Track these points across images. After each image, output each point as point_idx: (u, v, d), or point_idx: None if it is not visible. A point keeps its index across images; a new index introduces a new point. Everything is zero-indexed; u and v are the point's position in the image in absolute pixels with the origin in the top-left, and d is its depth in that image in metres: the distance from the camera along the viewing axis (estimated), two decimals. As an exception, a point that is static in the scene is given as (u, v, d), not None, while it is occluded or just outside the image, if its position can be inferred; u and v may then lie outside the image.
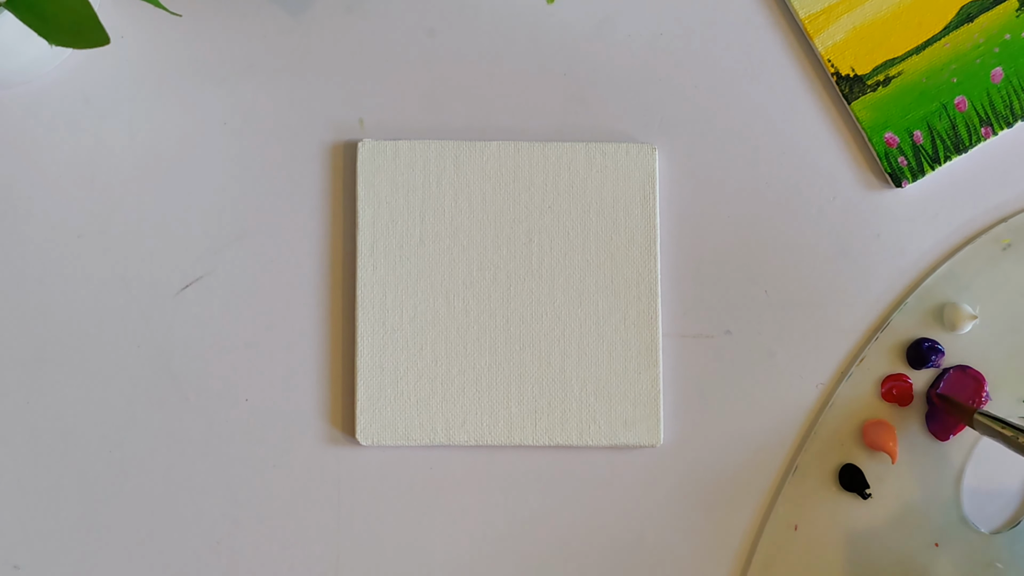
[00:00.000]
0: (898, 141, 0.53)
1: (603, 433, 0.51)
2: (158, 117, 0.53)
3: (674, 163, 0.53)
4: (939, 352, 0.52)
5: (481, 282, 0.52)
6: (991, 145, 0.53)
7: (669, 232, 0.53)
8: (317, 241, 0.53)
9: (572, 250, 0.52)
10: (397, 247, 0.52)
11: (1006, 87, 0.53)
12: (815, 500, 0.52)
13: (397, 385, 0.51)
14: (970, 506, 0.52)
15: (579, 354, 0.52)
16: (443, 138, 0.53)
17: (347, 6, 0.54)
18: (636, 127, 0.53)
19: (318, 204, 0.53)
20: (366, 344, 0.51)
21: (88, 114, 0.53)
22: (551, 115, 0.53)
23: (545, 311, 0.52)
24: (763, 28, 0.54)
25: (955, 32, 0.53)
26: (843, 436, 0.52)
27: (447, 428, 0.51)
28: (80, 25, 0.41)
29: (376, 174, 0.52)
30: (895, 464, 0.52)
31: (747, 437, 0.52)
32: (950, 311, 0.52)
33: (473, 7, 0.54)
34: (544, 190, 0.52)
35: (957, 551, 0.52)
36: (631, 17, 0.54)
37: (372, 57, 0.54)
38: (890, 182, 0.53)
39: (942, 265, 0.53)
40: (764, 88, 0.54)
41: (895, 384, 0.52)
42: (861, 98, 0.53)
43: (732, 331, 0.53)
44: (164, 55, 0.53)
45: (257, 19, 0.54)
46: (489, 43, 0.54)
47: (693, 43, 0.54)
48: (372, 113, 0.53)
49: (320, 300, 0.52)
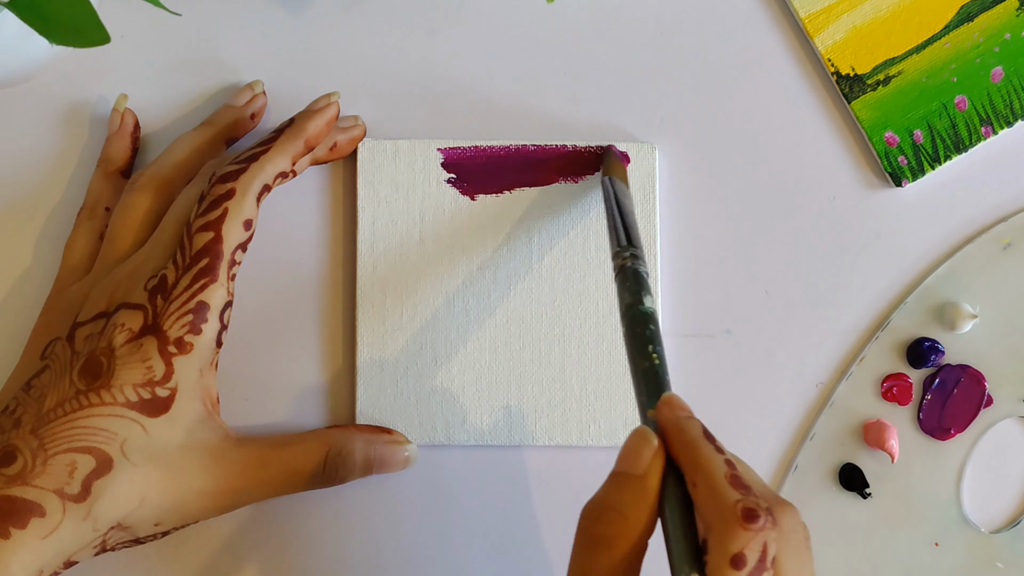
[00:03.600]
0: (898, 140, 0.53)
1: (603, 433, 0.51)
2: (158, 117, 0.53)
3: (674, 162, 0.53)
4: (939, 352, 0.52)
5: (481, 282, 0.52)
6: (991, 144, 0.53)
7: (669, 231, 0.53)
8: (317, 241, 0.53)
9: (572, 250, 0.52)
10: (397, 247, 0.52)
11: (1006, 86, 0.53)
12: (815, 499, 0.52)
13: (397, 385, 0.51)
14: (970, 506, 0.52)
15: (579, 354, 0.52)
16: (443, 138, 0.53)
17: (347, 6, 0.54)
18: (636, 126, 0.53)
19: (318, 204, 0.53)
20: (366, 344, 0.51)
21: (88, 114, 0.53)
22: (551, 114, 0.53)
23: (545, 311, 0.52)
24: (763, 28, 0.54)
25: (955, 31, 0.53)
26: (843, 436, 0.52)
27: (447, 428, 0.51)
28: (81, 24, 0.41)
29: (376, 174, 0.52)
30: (895, 464, 0.52)
31: (747, 437, 0.52)
32: (950, 311, 0.52)
33: (473, 7, 0.54)
34: (544, 189, 0.52)
35: (957, 551, 0.52)
36: (631, 17, 0.54)
37: (372, 57, 0.54)
38: (890, 181, 0.53)
39: (942, 265, 0.53)
40: (764, 88, 0.54)
41: (895, 383, 0.52)
42: (861, 97, 0.53)
43: (732, 331, 0.53)
44: (164, 55, 0.53)
45: (257, 19, 0.54)
46: (489, 43, 0.54)
47: (693, 43, 0.54)
48: (372, 113, 0.53)
49: (320, 300, 0.52)
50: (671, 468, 0.39)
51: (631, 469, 0.39)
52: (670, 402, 0.41)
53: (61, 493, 0.43)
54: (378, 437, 0.50)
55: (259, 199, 0.47)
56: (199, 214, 0.46)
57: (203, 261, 0.45)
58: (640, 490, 0.39)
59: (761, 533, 0.36)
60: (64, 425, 0.43)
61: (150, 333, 0.45)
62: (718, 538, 0.37)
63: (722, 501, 0.37)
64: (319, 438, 0.48)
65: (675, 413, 0.40)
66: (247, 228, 0.46)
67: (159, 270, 0.46)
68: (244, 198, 0.46)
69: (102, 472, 0.43)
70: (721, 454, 0.39)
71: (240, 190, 0.46)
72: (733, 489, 0.37)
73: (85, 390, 0.44)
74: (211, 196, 0.46)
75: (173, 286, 0.45)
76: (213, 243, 0.45)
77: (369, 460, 0.49)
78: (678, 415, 0.40)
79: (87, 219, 0.51)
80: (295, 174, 0.49)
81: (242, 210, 0.46)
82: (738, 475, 0.38)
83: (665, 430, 0.40)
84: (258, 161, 0.47)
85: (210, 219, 0.46)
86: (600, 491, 0.39)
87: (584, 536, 0.39)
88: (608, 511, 0.39)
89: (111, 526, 0.44)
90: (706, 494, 0.38)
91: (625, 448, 0.40)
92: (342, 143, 0.51)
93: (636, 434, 0.40)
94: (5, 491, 0.42)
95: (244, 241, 0.46)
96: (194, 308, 0.45)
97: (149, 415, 0.44)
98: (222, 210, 0.46)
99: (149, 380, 0.44)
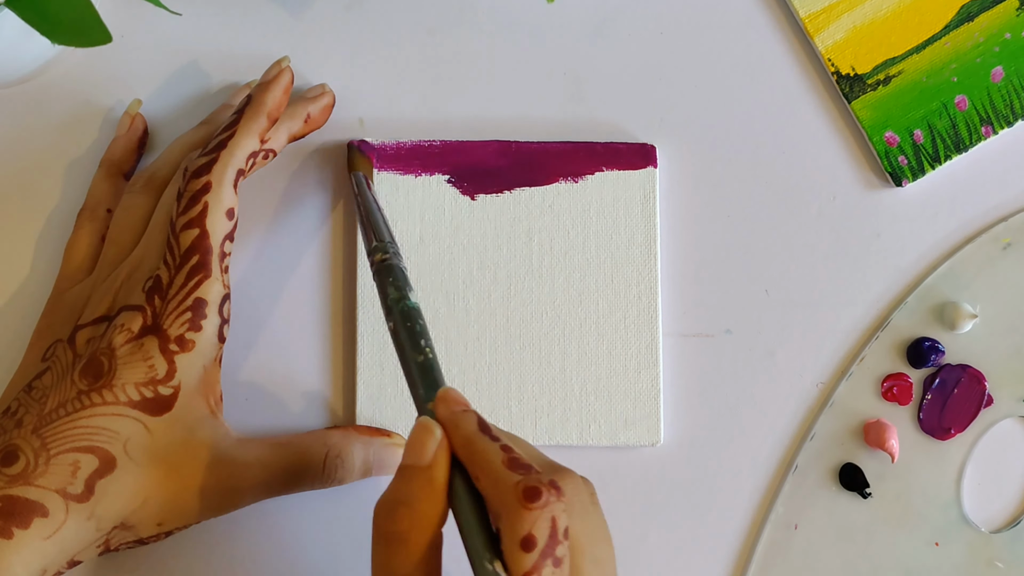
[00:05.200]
0: (898, 140, 0.53)
1: (603, 433, 0.51)
2: (158, 116, 0.53)
3: (674, 163, 0.53)
4: (939, 352, 0.52)
5: (481, 282, 0.52)
6: (991, 144, 0.53)
7: (669, 232, 0.53)
8: (317, 241, 0.53)
9: (572, 250, 0.52)
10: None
11: (1006, 86, 0.53)
12: (815, 499, 0.52)
13: (397, 385, 0.51)
14: (970, 506, 0.52)
15: (579, 354, 0.52)
16: (443, 138, 0.53)
17: (347, 6, 0.54)
18: (636, 126, 0.53)
19: (318, 204, 0.53)
20: (366, 344, 0.51)
21: (88, 114, 0.53)
22: (551, 114, 0.53)
23: (545, 311, 0.52)
24: (763, 28, 0.54)
25: (955, 31, 0.53)
26: (843, 435, 0.52)
27: (447, 428, 0.51)
28: (82, 23, 0.41)
29: (376, 174, 0.52)
30: (895, 464, 0.52)
31: (747, 437, 0.52)
32: (950, 311, 0.52)
33: (473, 7, 0.54)
34: (544, 189, 0.52)
35: (957, 551, 0.52)
36: (631, 17, 0.54)
37: (372, 57, 0.54)
38: (890, 181, 0.53)
39: (942, 265, 0.53)
40: (764, 88, 0.54)
41: (895, 383, 0.52)
42: (861, 97, 0.53)
43: (732, 331, 0.53)
44: (164, 55, 0.53)
45: (257, 19, 0.54)
46: (489, 43, 0.54)
47: (693, 43, 0.54)
48: (372, 113, 0.53)
49: (320, 300, 0.52)
50: (457, 462, 0.39)
51: (417, 461, 0.39)
52: (445, 397, 0.41)
53: (64, 493, 0.43)
54: (377, 439, 0.50)
55: (236, 185, 0.47)
56: (180, 212, 0.46)
57: (193, 258, 0.45)
58: (427, 480, 0.39)
59: (546, 509, 0.36)
60: (66, 425, 0.43)
61: (151, 333, 0.45)
62: (507, 523, 0.37)
63: (503, 487, 0.37)
64: (318, 439, 0.48)
65: (450, 408, 0.40)
66: (230, 217, 0.46)
67: (154, 271, 0.46)
68: (221, 188, 0.46)
69: (105, 471, 0.43)
70: (496, 441, 0.39)
71: (215, 182, 0.46)
72: (512, 472, 0.37)
73: (87, 390, 0.44)
74: (188, 192, 0.46)
75: (168, 286, 0.45)
76: (200, 239, 0.45)
77: (368, 462, 0.49)
78: (453, 410, 0.40)
79: (88, 220, 0.51)
80: (275, 153, 0.49)
81: (221, 201, 0.46)
82: (516, 457, 0.38)
83: (444, 427, 0.40)
84: (227, 148, 0.47)
85: (192, 216, 0.46)
86: (389, 487, 0.39)
87: (378, 534, 0.39)
88: (399, 506, 0.39)
89: (114, 525, 0.44)
90: (488, 484, 0.38)
91: (409, 441, 0.40)
92: (315, 114, 0.51)
93: (419, 426, 0.40)
94: (7, 491, 0.42)
95: (230, 231, 0.46)
96: (192, 305, 0.45)
97: (152, 414, 0.44)
98: (202, 205, 0.46)
99: (151, 379, 0.44)
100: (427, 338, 0.43)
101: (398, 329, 0.43)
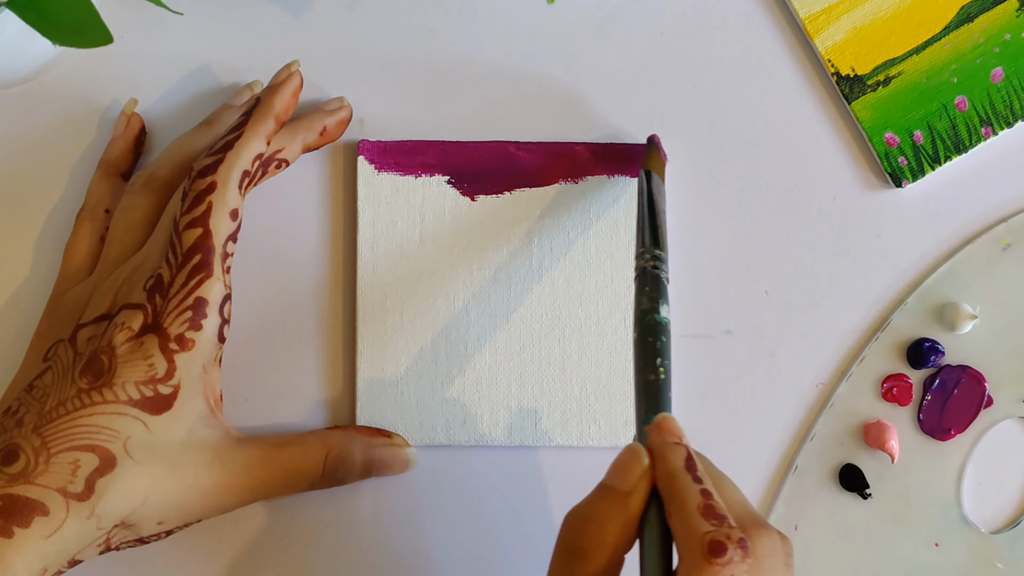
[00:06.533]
0: (898, 141, 0.53)
1: (603, 433, 0.51)
2: (158, 116, 0.53)
3: (674, 163, 0.53)
4: (939, 352, 0.52)
5: (481, 282, 0.52)
6: (991, 145, 0.53)
7: (669, 231, 0.53)
8: (317, 241, 0.53)
9: (572, 250, 0.52)
10: (397, 247, 0.52)
11: (1006, 87, 0.53)
12: (815, 500, 0.52)
13: (397, 385, 0.51)
14: (970, 506, 0.52)
15: (579, 354, 0.52)
16: (443, 138, 0.53)
17: (347, 6, 0.54)
18: (636, 126, 0.53)
19: (318, 204, 0.53)
20: (366, 345, 0.51)
21: (88, 114, 0.53)
22: (551, 114, 0.53)
23: (545, 311, 0.52)
24: (763, 28, 0.54)
25: (955, 32, 0.53)
26: (843, 436, 0.52)
27: (447, 428, 0.51)
28: (83, 24, 0.41)
29: (376, 174, 0.52)
30: (895, 464, 0.52)
31: (747, 437, 0.52)
32: (950, 311, 0.52)
33: (473, 7, 0.54)
34: (544, 189, 0.52)
35: (957, 551, 0.52)
36: (631, 17, 0.54)
37: (372, 57, 0.54)
38: (890, 182, 0.53)
39: (942, 265, 0.53)
40: (764, 88, 0.54)
41: (895, 384, 0.52)
42: (861, 98, 0.53)
43: (732, 331, 0.53)
44: (165, 55, 0.53)
45: (257, 19, 0.54)
46: (489, 43, 0.54)
47: (693, 43, 0.54)
48: (372, 113, 0.53)
49: (320, 300, 0.52)
50: (657, 493, 0.39)
51: (618, 484, 0.39)
52: (660, 426, 0.40)
53: (64, 491, 0.43)
54: (378, 440, 0.50)
55: (241, 187, 0.47)
56: (184, 211, 0.46)
57: (195, 258, 0.45)
58: (623, 506, 0.39)
59: (728, 567, 0.36)
60: (66, 423, 0.43)
61: (151, 331, 0.45)
62: (686, 571, 0.36)
63: (692, 533, 0.37)
64: (319, 439, 0.48)
65: (663, 438, 0.40)
66: (234, 218, 0.46)
67: (155, 270, 0.46)
68: (226, 189, 0.46)
69: (105, 470, 0.43)
70: (699, 483, 0.38)
71: (221, 182, 0.46)
72: (704, 520, 0.37)
73: (87, 389, 0.44)
74: (193, 192, 0.46)
75: (169, 285, 0.45)
76: (202, 239, 0.45)
77: (368, 463, 0.49)
78: (665, 440, 0.40)
79: (87, 221, 0.51)
80: (288, 163, 0.49)
81: (226, 201, 0.46)
82: (712, 505, 0.37)
83: (652, 455, 0.40)
84: (233, 149, 0.47)
85: (196, 215, 0.46)
86: (584, 501, 0.39)
87: (563, 544, 0.39)
88: (589, 523, 0.38)
89: (115, 524, 0.44)
90: (679, 525, 0.37)
91: (616, 462, 0.40)
92: (331, 127, 0.51)
93: (629, 450, 0.40)
94: (8, 490, 0.42)
95: (233, 232, 0.46)
96: (192, 304, 0.45)
97: (152, 412, 0.44)
98: (206, 204, 0.46)
99: (151, 377, 0.44)
100: (664, 356, 0.42)
101: (637, 340, 0.43)
